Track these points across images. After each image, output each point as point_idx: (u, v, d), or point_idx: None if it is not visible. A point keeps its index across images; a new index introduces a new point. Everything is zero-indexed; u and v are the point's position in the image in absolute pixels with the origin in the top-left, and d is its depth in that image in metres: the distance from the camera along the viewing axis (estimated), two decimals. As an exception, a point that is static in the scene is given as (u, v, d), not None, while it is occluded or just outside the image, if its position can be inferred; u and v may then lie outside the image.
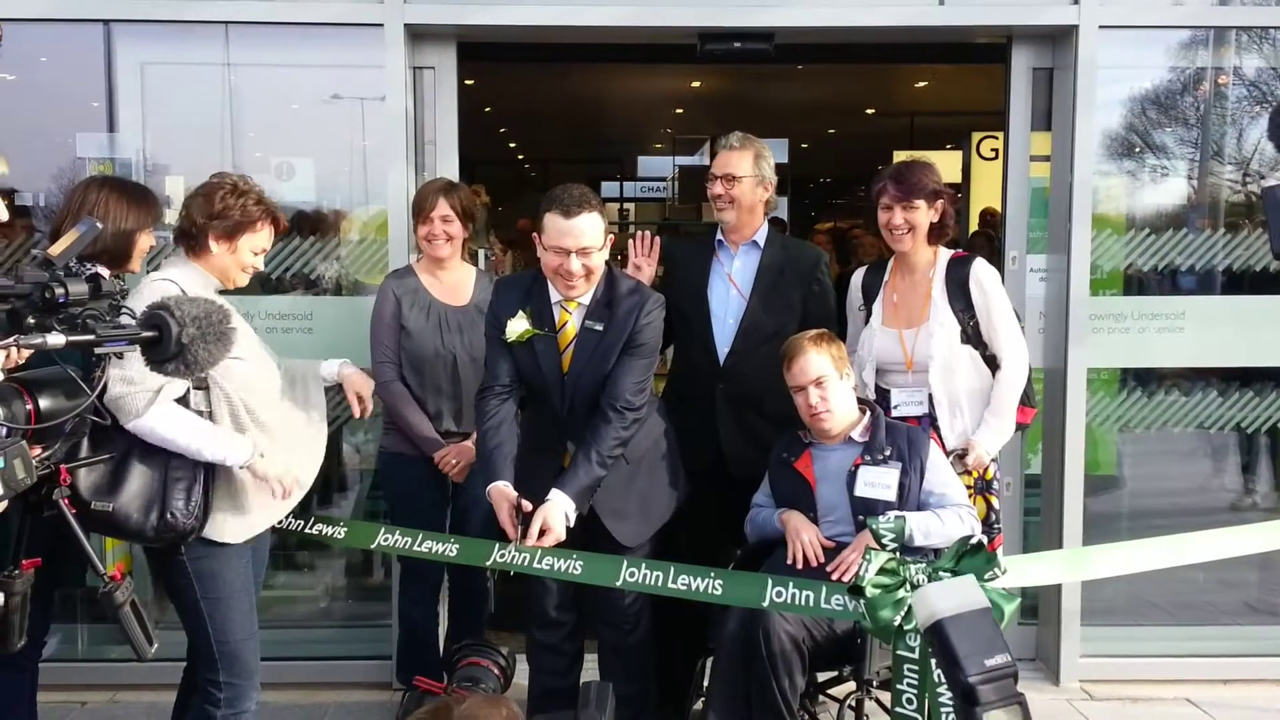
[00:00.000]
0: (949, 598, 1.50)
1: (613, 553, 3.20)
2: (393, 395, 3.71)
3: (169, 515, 2.68)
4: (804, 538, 3.25)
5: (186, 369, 1.81)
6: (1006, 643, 1.47)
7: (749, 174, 3.67)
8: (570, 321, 3.24)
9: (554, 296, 3.23)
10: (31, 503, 1.85)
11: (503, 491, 3.10)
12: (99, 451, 2.60)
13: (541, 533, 3.01)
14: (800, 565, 3.20)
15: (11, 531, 1.99)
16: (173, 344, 1.76)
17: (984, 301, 3.50)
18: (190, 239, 2.89)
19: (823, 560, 3.21)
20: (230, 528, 2.83)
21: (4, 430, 1.65)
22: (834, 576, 3.12)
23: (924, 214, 3.52)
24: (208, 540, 2.79)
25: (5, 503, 1.68)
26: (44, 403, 1.72)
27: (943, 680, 2.14)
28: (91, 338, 1.67)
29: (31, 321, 1.64)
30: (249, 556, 2.93)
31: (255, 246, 2.92)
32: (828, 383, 3.30)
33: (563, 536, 3.03)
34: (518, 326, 3.21)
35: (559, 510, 3.04)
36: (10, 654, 2.96)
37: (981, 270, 3.53)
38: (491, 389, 3.27)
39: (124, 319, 1.76)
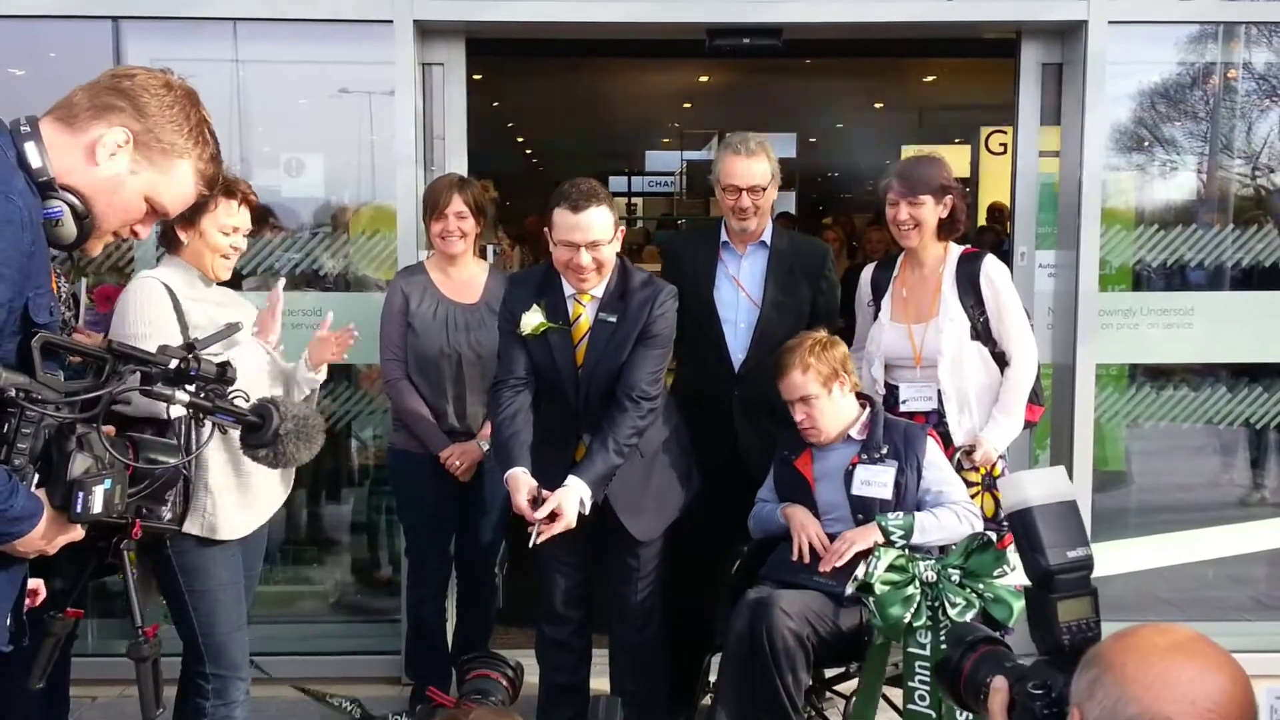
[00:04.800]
0: (1040, 486, 1.53)
1: (626, 546, 3.22)
2: (399, 393, 3.71)
3: (142, 511, 2.68)
4: (809, 531, 3.25)
5: (275, 459, 2.10)
6: (1088, 537, 1.51)
7: (770, 180, 3.60)
8: (584, 314, 3.23)
9: (567, 290, 3.23)
10: (100, 548, 2.01)
11: (519, 478, 3.10)
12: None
13: (553, 517, 3.00)
14: (807, 560, 3.20)
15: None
16: (270, 433, 2.05)
17: (995, 298, 3.49)
18: (165, 237, 2.93)
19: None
20: (209, 525, 2.83)
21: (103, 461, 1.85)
22: (823, 567, 3.13)
23: (930, 210, 3.49)
24: (193, 535, 2.80)
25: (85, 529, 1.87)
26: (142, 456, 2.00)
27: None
28: (208, 405, 2.01)
29: (160, 387, 1.94)
30: (237, 550, 2.93)
31: (220, 225, 2.89)
32: (815, 401, 3.28)
33: (573, 523, 3.02)
34: (532, 320, 3.20)
35: (574, 496, 3.03)
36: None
37: (993, 267, 3.52)
38: (506, 382, 3.25)
39: (239, 401, 2.07)
